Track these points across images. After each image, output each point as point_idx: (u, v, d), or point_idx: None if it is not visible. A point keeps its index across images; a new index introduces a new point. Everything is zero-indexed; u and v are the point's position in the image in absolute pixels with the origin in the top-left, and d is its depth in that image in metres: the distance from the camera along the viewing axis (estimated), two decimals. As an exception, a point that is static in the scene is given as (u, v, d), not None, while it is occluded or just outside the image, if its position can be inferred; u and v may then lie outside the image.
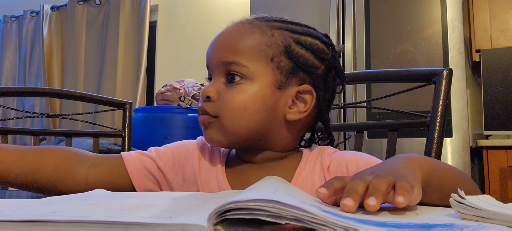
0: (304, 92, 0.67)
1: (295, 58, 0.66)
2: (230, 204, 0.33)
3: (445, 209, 0.45)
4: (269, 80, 0.65)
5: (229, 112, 0.64)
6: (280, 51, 0.66)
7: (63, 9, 3.63)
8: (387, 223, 0.35)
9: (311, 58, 0.67)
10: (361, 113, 1.95)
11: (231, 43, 0.67)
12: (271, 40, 0.66)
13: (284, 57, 0.66)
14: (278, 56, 0.65)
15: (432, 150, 0.87)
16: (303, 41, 0.67)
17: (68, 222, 0.34)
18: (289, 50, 0.66)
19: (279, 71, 0.65)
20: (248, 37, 0.66)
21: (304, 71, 0.67)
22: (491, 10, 2.27)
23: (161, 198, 0.49)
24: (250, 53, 0.65)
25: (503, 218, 0.35)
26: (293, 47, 0.66)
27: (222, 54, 0.66)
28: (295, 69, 0.66)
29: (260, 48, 0.65)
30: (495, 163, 1.99)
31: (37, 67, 3.60)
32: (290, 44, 0.66)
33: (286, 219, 0.32)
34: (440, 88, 0.89)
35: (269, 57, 0.65)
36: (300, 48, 0.67)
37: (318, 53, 0.68)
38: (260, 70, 0.65)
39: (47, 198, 0.49)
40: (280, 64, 0.65)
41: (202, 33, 3.16)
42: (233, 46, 0.66)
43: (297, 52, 0.66)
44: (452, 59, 1.84)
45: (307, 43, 0.67)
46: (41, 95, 1.26)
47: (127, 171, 0.70)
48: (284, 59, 0.66)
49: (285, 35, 0.67)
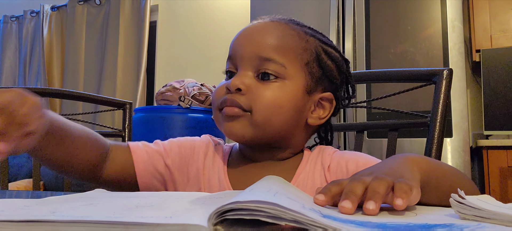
0: (325, 99, 0.70)
1: (324, 66, 0.69)
2: (230, 204, 0.33)
3: (445, 209, 0.45)
4: (302, 83, 0.67)
5: (265, 108, 0.64)
6: (313, 58, 0.68)
7: (63, 9, 3.63)
8: (387, 224, 0.35)
9: (334, 70, 0.70)
10: (361, 114, 1.95)
11: (271, 39, 0.67)
12: (307, 46, 0.68)
13: (315, 64, 0.68)
14: (311, 62, 0.68)
15: (432, 150, 0.87)
16: (329, 52, 0.70)
17: (68, 222, 0.34)
18: (320, 58, 0.69)
19: (311, 76, 0.68)
20: (287, 38, 0.67)
21: (328, 81, 0.70)
22: (491, 10, 2.27)
23: (161, 198, 0.49)
24: (288, 54, 0.66)
25: (503, 218, 0.35)
26: (322, 56, 0.69)
27: (260, 49, 0.66)
28: (322, 77, 0.69)
29: (298, 51, 0.67)
30: (495, 163, 1.99)
31: (37, 67, 3.60)
32: (320, 53, 0.69)
33: (285, 220, 0.32)
34: (440, 88, 0.89)
35: (304, 62, 0.67)
36: (328, 58, 0.70)
37: (339, 66, 0.71)
38: (295, 72, 0.66)
39: (47, 198, 0.49)
40: (312, 70, 0.68)
41: (202, 33, 3.16)
42: (273, 43, 0.66)
43: (326, 62, 0.69)
44: (452, 59, 1.84)
45: (333, 55, 0.71)
46: (41, 95, 1.26)
47: (135, 169, 0.70)
48: (315, 66, 0.68)
49: (317, 43, 0.70)
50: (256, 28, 0.69)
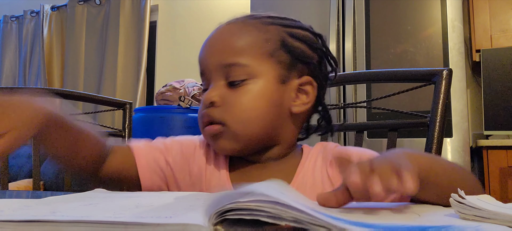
0: (305, 83, 0.67)
1: (292, 51, 0.66)
2: (230, 204, 0.33)
3: (445, 209, 0.45)
4: (272, 76, 0.64)
5: (238, 116, 0.63)
6: (278, 45, 0.65)
7: (63, 9, 3.62)
8: (387, 226, 0.35)
9: (306, 49, 0.68)
10: (361, 114, 1.95)
11: (229, 44, 0.66)
12: (267, 36, 0.66)
13: (282, 51, 0.66)
14: (277, 51, 0.65)
15: (432, 150, 0.87)
16: (296, 33, 0.68)
17: (68, 222, 0.34)
18: (285, 43, 0.66)
19: (280, 65, 0.65)
20: (245, 36, 0.66)
21: (302, 63, 0.67)
22: (491, 10, 2.27)
23: (161, 198, 0.49)
24: (250, 52, 0.64)
25: (503, 218, 0.35)
26: (288, 40, 0.66)
27: (221, 57, 0.65)
28: (293, 62, 0.66)
29: (258, 45, 0.65)
30: (495, 163, 1.99)
31: (37, 67, 3.60)
32: (285, 38, 0.66)
33: (285, 220, 0.32)
34: (440, 88, 0.89)
35: (269, 53, 0.65)
36: (295, 41, 0.67)
37: (311, 43, 0.68)
38: (262, 67, 0.64)
39: (47, 198, 0.49)
40: (280, 59, 0.65)
41: (202, 33, 3.15)
42: (232, 47, 0.65)
43: (293, 45, 0.66)
44: (452, 59, 1.84)
45: (300, 35, 0.68)
46: (41, 95, 1.26)
47: (136, 164, 0.70)
48: (283, 53, 0.66)
49: (279, 29, 0.67)
50: (214, 37, 0.68)
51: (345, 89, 1.97)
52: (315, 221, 0.31)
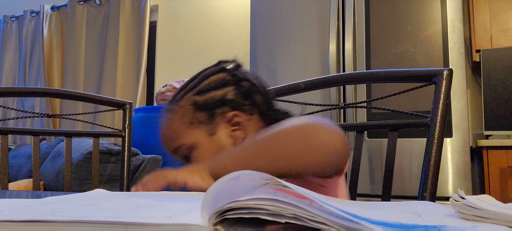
0: (232, 119, 0.76)
1: (205, 106, 0.76)
2: (229, 203, 0.33)
3: (446, 209, 0.45)
4: (202, 136, 0.75)
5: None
6: (192, 112, 0.76)
7: (63, 9, 3.63)
8: (387, 223, 0.35)
9: (215, 94, 0.77)
10: (361, 114, 1.95)
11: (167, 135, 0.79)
12: (182, 112, 0.77)
13: (197, 113, 0.76)
14: (193, 117, 0.76)
15: (433, 150, 0.86)
16: (201, 89, 0.78)
17: (68, 222, 0.34)
18: (197, 105, 0.76)
19: (203, 125, 0.75)
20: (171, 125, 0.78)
21: (220, 106, 0.76)
22: (491, 10, 2.27)
23: (161, 198, 0.49)
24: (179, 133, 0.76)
25: (503, 218, 0.35)
26: (198, 100, 0.77)
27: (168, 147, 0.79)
28: (211, 113, 0.76)
29: (180, 123, 0.77)
30: (495, 163, 1.99)
31: (37, 67, 3.60)
32: (195, 101, 0.77)
33: (286, 217, 0.32)
34: (440, 88, 0.89)
35: (189, 123, 0.76)
36: (203, 96, 0.77)
37: (218, 85, 0.78)
38: (192, 137, 0.75)
39: (47, 198, 0.49)
40: (200, 120, 0.76)
41: (202, 33, 3.16)
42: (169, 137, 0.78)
43: (203, 101, 0.76)
44: (452, 59, 1.84)
45: (206, 87, 0.78)
46: (41, 95, 1.26)
47: None
48: (198, 114, 0.76)
49: (187, 98, 0.78)
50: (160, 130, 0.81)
51: (345, 89, 1.97)
52: (315, 218, 0.31)
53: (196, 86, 0.79)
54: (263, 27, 2.25)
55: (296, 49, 2.15)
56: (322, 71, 2.06)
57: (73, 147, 2.55)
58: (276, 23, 2.22)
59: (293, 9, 2.18)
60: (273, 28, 2.22)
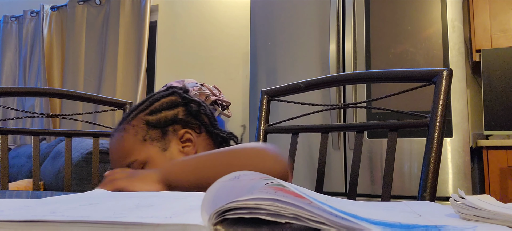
0: (183, 135, 0.83)
1: (157, 125, 0.83)
2: (229, 203, 0.33)
3: (446, 209, 0.45)
4: (154, 152, 0.81)
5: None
6: (145, 130, 0.83)
7: (63, 9, 3.63)
8: (387, 223, 0.35)
9: (168, 113, 0.84)
10: (361, 114, 1.95)
11: (118, 153, 0.84)
12: (134, 130, 0.83)
13: (150, 131, 0.83)
14: (146, 135, 0.82)
15: (432, 150, 0.87)
16: (154, 109, 0.85)
17: (68, 222, 0.34)
18: (149, 123, 0.83)
19: (156, 141, 0.82)
20: (123, 142, 0.83)
21: (172, 124, 0.83)
22: (491, 10, 2.27)
23: (161, 198, 0.49)
24: (131, 150, 0.82)
25: (503, 218, 0.35)
26: (150, 119, 0.83)
27: (121, 162, 0.83)
28: (164, 130, 0.83)
29: (132, 141, 0.82)
30: (495, 163, 1.99)
31: (37, 67, 3.60)
32: (147, 120, 0.84)
33: (286, 217, 0.32)
34: (440, 88, 0.89)
35: (142, 140, 0.82)
36: (155, 115, 0.84)
37: (169, 106, 0.85)
38: (144, 153, 0.81)
39: (47, 198, 0.49)
40: (152, 137, 0.82)
41: (202, 33, 3.16)
42: (121, 154, 0.83)
43: (155, 120, 0.83)
44: (452, 59, 1.84)
45: (158, 108, 0.85)
46: (41, 95, 1.26)
47: None
48: (151, 131, 0.83)
49: (139, 117, 0.84)
50: (111, 148, 0.86)
51: (345, 89, 1.97)
52: (315, 218, 0.31)
53: (148, 107, 0.85)
54: (263, 27, 2.25)
55: (296, 49, 2.15)
56: (322, 71, 2.06)
57: (73, 147, 2.55)
58: (276, 23, 2.22)
59: (293, 9, 2.18)
60: (273, 28, 2.22)
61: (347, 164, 1.94)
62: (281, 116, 1.08)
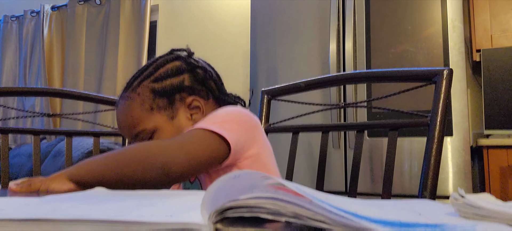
0: (191, 103, 0.81)
1: (163, 93, 0.80)
2: (229, 202, 0.33)
3: (446, 207, 0.45)
4: (163, 120, 0.79)
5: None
6: (151, 98, 0.80)
7: (63, 9, 3.63)
8: (386, 221, 0.35)
9: (173, 81, 0.81)
10: (362, 113, 1.95)
11: (125, 122, 0.82)
12: (140, 99, 0.81)
13: (157, 99, 0.80)
14: (153, 103, 0.80)
15: (433, 149, 0.87)
16: (159, 76, 0.82)
17: (69, 221, 0.34)
18: (156, 91, 0.81)
19: (163, 109, 0.80)
20: (129, 112, 0.81)
21: (179, 91, 0.81)
22: (491, 10, 2.27)
23: (161, 197, 0.49)
24: (138, 119, 0.80)
25: (503, 217, 0.35)
26: (156, 87, 0.81)
27: (128, 133, 0.82)
28: (171, 98, 0.81)
29: (139, 110, 0.80)
30: (495, 162, 1.99)
31: (38, 67, 3.60)
32: (153, 87, 0.81)
33: (286, 216, 0.32)
34: (440, 88, 0.89)
35: (149, 109, 0.80)
36: (161, 83, 0.81)
37: (175, 72, 0.82)
38: (152, 121, 0.79)
39: (47, 196, 0.49)
40: (159, 105, 0.80)
41: (202, 33, 3.16)
42: (128, 124, 0.81)
43: (161, 88, 0.81)
44: (453, 59, 1.83)
45: (163, 74, 0.82)
46: (42, 95, 1.26)
47: None
48: (159, 100, 0.80)
49: (145, 85, 0.82)
50: (117, 116, 0.84)
51: (345, 89, 1.97)
52: (315, 216, 0.31)
53: (152, 74, 0.82)
54: (264, 27, 2.25)
55: (297, 48, 2.15)
56: (322, 71, 2.06)
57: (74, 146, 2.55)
58: (276, 23, 2.22)
59: (294, 9, 2.18)
60: (274, 28, 2.22)
61: (347, 163, 1.94)
62: (282, 116, 1.08)
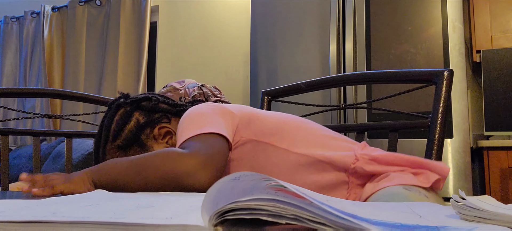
0: (159, 132, 0.84)
1: (129, 143, 0.84)
2: (230, 204, 0.33)
3: (447, 210, 0.45)
4: None
5: None
6: (123, 155, 0.84)
7: (63, 10, 3.63)
8: (388, 223, 0.35)
9: (130, 127, 0.85)
10: (362, 114, 1.95)
11: None
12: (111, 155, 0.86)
13: (128, 152, 0.84)
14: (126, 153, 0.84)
15: (433, 150, 0.87)
16: (115, 134, 0.85)
17: (69, 223, 0.34)
18: (122, 147, 0.84)
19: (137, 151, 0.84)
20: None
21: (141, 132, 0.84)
22: (491, 11, 2.27)
23: (161, 199, 0.49)
24: None
25: (503, 219, 0.35)
26: (120, 144, 0.84)
27: None
28: (138, 142, 0.84)
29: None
30: (495, 163, 1.99)
31: (38, 68, 3.61)
32: (118, 146, 0.85)
33: (286, 218, 0.32)
34: (440, 89, 0.89)
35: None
36: (121, 137, 0.84)
37: (125, 119, 0.86)
38: None
39: (48, 198, 0.49)
40: (132, 150, 0.84)
41: (202, 33, 3.16)
42: None
43: (124, 140, 0.84)
44: (453, 60, 1.83)
45: (117, 130, 0.85)
46: (42, 96, 1.26)
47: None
48: (130, 152, 0.84)
49: (110, 149, 0.85)
50: None
51: (345, 90, 1.97)
52: (315, 218, 0.31)
53: (108, 136, 0.85)
54: (264, 28, 2.25)
55: (297, 50, 2.15)
56: (323, 72, 2.06)
57: (74, 147, 2.55)
58: (276, 24, 2.22)
59: (294, 9, 2.18)
60: (274, 28, 2.23)
61: (347, 165, 1.94)
62: (282, 117, 1.08)
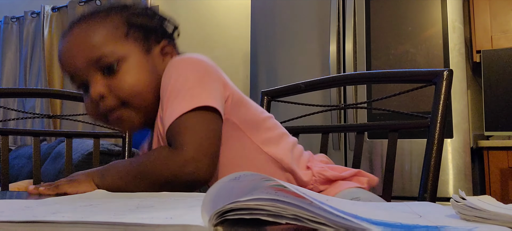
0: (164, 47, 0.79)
1: (140, 27, 0.75)
2: (230, 204, 0.33)
3: (447, 210, 0.45)
4: (138, 50, 0.74)
5: (131, 92, 0.71)
6: (127, 27, 0.74)
7: (63, 10, 3.63)
8: (388, 223, 0.35)
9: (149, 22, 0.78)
10: (362, 114, 1.95)
11: (87, 43, 0.72)
12: (114, 24, 0.74)
13: (132, 30, 0.74)
14: (129, 31, 0.74)
15: (433, 150, 0.87)
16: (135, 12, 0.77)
17: (69, 223, 0.34)
18: (132, 23, 0.75)
19: (138, 41, 0.74)
20: (97, 32, 0.72)
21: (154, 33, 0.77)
22: (491, 11, 2.27)
23: (161, 199, 0.49)
24: (108, 41, 0.72)
25: (504, 219, 0.35)
26: (133, 19, 0.76)
27: (87, 56, 0.71)
28: (146, 33, 0.76)
29: (111, 33, 0.73)
30: (495, 163, 1.99)
31: (38, 68, 3.60)
32: (130, 19, 0.75)
33: (286, 218, 0.32)
34: (440, 89, 0.89)
35: (124, 36, 0.73)
36: (138, 18, 0.76)
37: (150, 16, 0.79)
38: (125, 48, 0.72)
39: (47, 199, 0.49)
40: (135, 35, 0.74)
41: (202, 33, 3.16)
42: (92, 44, 0.71)
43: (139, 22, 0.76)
44: (453, 60, 1.84)
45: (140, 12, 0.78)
46: (42, 96, 1.26)
47: None
48: (133, 31, 0.74)
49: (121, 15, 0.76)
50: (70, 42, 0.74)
51: (345, 90, 1.97)
52: (315, 218, 0.31)
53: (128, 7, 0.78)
54: (264, 28, 2.25)
55: (297, 49, 2.15)
56: (323, 72, 2.06)
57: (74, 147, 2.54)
58: (276, 24, 2.22)
59: (294, 9, 2.18)
60: (274, 28, 2.23)
61: (347, 165, 1.94)
62: (282, 117, 1.08)
